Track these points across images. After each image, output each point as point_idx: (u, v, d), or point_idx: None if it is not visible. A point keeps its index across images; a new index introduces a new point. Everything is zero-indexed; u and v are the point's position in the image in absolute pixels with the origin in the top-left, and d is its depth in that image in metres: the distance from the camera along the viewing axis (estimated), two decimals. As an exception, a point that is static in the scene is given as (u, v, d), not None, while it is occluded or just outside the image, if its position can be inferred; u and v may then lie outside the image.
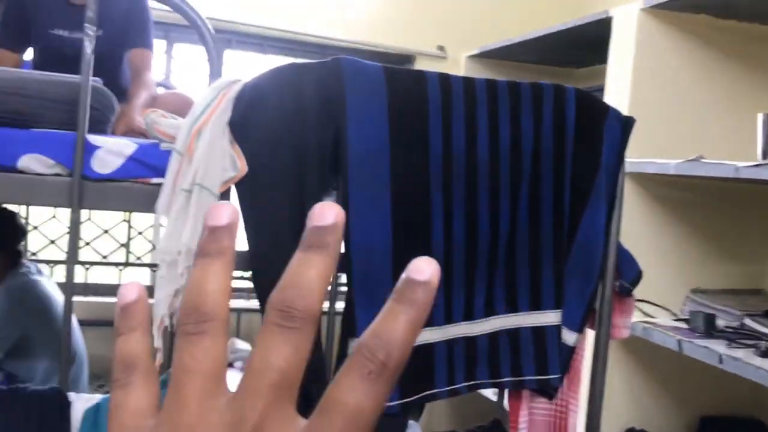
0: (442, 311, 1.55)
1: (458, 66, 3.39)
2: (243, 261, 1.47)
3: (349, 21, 3.28)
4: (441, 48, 3.44)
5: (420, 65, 3.41)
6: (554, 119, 1.59)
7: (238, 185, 1.41)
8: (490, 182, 1.55)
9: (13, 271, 2.30)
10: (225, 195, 1.41)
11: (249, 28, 3.12)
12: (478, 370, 1.61)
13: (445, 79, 1.53)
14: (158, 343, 1.38)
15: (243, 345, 3.03)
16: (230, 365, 2.94)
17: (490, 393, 2.37)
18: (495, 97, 1.56)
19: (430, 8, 3.40)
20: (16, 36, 2.30)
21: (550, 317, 1.63)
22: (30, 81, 1.50)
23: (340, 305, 1.54)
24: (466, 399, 2.73)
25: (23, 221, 2.61)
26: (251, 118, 1.41)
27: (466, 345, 1.59)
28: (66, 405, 1.40)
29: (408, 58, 3.44)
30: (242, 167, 1.39)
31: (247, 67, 3.27)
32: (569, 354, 1.63)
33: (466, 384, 1.61)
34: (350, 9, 3.29)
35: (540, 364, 1.62)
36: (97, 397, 1.45)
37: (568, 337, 1.62)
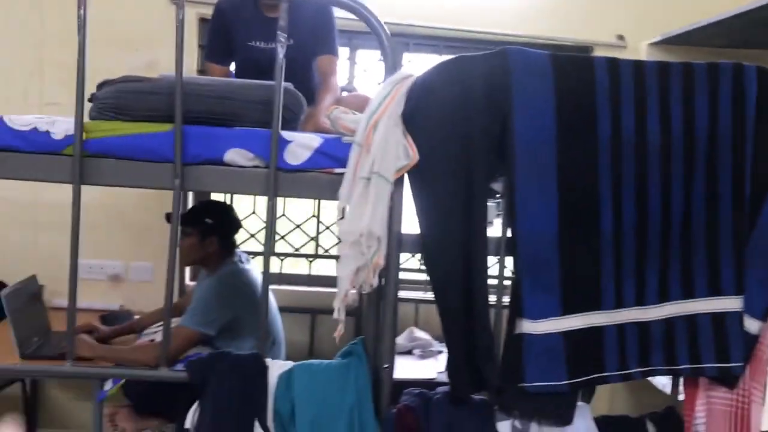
0: (612, 296, 1.56)
1: (639, 55, 3.29)
2: (415, 245, 1.58)
3: (524, 15, 3.30)
4: (620, 37, 3.35)
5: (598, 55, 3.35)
6: (732, 100, 1.54)
7: (410, 173, 1.52)
8: (662, 166, 1.54)
9: (226, 260, 2.60)
10: (399, 182, 1.53)
11: (425, 30, 3.25)
12: (653, 356, 1.60)
13: (613, 63, 1.54)
14: (341, 315, 1.52)
15: (421, 333, 3.16)
16: (409, 352, 3.09)
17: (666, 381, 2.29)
18: (666, 79, 1.54)
19: (609, -4, 3.33)
20: (221, 51, 2.59)
21: (730, 303, 1.57)
22: (234, 86, 1.71)
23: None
24: (647, 386, 2.65)
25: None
26: (422, 109, 1.52)
27: (639, 330, 1.59)
28: (264, 368, 1.59)
29: (585, 49, 3.39)
30: (414, 156, 1.50)
31: (424, 68, 3.40)
32: (752, 342, 1.56)
33: (640, 369, 1.60)
34: (526, 3, 3.31)
35: (720, 352, 1.57)
36: (289, 364, 1.63)
37: (751, 324, 1.56)
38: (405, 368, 2.92)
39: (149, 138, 1.57)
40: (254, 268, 2.65)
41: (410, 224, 1.60)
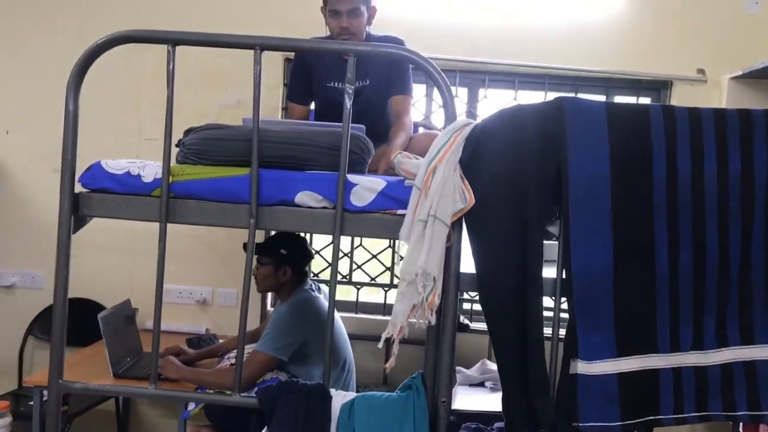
0: (668, 339, 1.58)
1: (720, 89, 3.24)
2: (472, 283, 1.64)
3: (602, 50, 3.30)
4: (701, 71, 3.31)
5: (678, 90, 3.31)
6: (793, 146, 1.54)
7: (467, 216, 1.60)
8: (719, 211, 1.55)
9: (298, 288, 2.74)
10: (457, 224, 1.60)
11: (500, 67, 3.31)
12: (711, 401, 1.60)
13: (668, 110, 1.57)
14: (396, 349, 1.60)
15: (493, 366, 3.18)
16: (481, 384, 3.12)
17: None
18: (723, 126, 1.56)
19: (689, 30, 3.29)
20: (302, 92, 2.74)
21: (791, 351, 1.55)
22: (305, 132, 1.84)
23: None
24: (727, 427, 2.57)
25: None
26: (479, 156, 1.59)
27: (696, 374, 1.59)
28: (328, 398, 1.69)
29: (664, 84, 3.36)
30: (470, 200, 1.57)
31: (500, 103, 3.46)
32: (813, 391, 1.54)
33: (697, 414, 1.60)
34: (603, 38, 3.31)
35: (780, 400, 1.55)
36: (351, 395, 1.72)
37: (812, 373, 1.53)
38: (476, 400, 2.94)
39: (228, 181, 1.72)
40: (324, 298, 2.77)
41: (468, 263, 1.67)
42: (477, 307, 3.44)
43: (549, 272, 1.64)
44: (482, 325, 3.33)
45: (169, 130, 1.69)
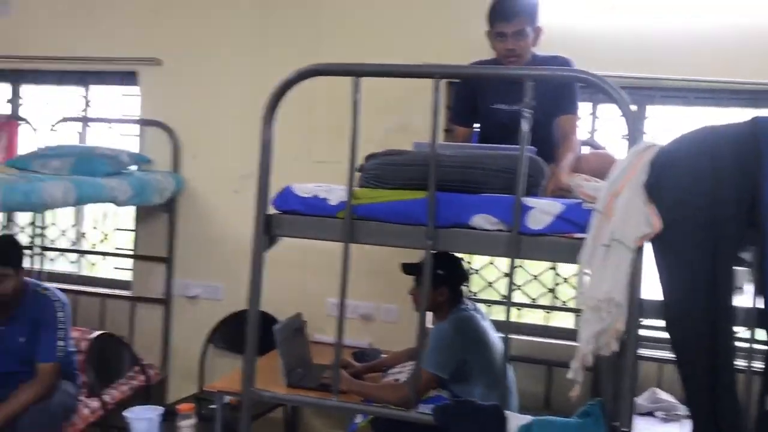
0: None
1: None
2: (658, 310, 1.59)
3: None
4: None
5: None
6: None
7: (652, 241, 1.55)
8: None
9: (456, 307, 2.78)
10: (638, 248, 1.56)
11: (671, 82, 3.17)
12: None
13: None
14: (579, 376, 1.58)
15: (664, 395, 3.04)
16: (650, 414, 2.98)
17: None
18: None
19: None
20: (466, 114, 2.79)
21: None
22: (479, 156, 1.87)
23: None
24: None
25: (467, 267, 3.08)
26: (666, 179, 1.54)
27: None
28: (503, 420, 1.70)
29: None
30: (656, 225, 1.53)
31: (672, 121, 3.31)
32: None
33: None
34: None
35: None
36: (528, 418, 1.71)
37: None
38: (648, 431, 2.83)
39: (406, 204, 1.79)
40: (481, 317, 2.78)
41: (651, 290, 1.61)
42: (644, 332, 3.29)
43: (742, 300, 1.55)
44: (650, 352, 3.20)
45: (354, 156, 1.79)
